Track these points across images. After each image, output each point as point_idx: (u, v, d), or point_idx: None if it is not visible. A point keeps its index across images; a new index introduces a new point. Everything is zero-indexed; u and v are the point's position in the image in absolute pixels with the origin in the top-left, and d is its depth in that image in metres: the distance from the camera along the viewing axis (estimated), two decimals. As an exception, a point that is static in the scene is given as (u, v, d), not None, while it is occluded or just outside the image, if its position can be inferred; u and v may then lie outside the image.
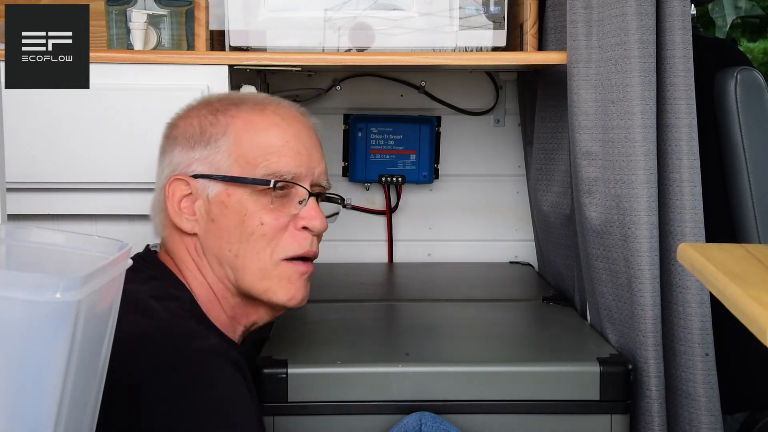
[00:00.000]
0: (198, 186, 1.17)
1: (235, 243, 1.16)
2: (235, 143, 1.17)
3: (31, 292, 0.61)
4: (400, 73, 2.09)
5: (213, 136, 1.17)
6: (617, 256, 1.40)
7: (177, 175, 1.17)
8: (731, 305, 0.71)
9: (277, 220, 1.17)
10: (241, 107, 1.20)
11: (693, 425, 1.35)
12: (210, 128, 1.18)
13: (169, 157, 1.20)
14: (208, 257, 1.18)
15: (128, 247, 0.76)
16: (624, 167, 1.37)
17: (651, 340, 1.34)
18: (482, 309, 1.68)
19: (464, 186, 2.15)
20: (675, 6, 1.37)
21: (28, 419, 0.64)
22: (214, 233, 1.17)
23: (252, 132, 1.18)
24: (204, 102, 1.23)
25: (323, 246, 2.10)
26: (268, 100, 1.25)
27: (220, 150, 1.17)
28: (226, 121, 1.18)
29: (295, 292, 1.20)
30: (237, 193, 1.16)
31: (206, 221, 1.17)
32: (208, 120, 1.19)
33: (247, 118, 1.19)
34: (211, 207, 1.16)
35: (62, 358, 0.63)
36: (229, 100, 1.22)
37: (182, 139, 1.19)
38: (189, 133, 1.19)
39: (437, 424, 1.18)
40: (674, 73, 1.38)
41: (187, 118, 1.21)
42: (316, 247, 1.21)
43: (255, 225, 1.16)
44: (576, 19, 1.44)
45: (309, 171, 1.20)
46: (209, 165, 1.17)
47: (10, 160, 0.88)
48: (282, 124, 1.20)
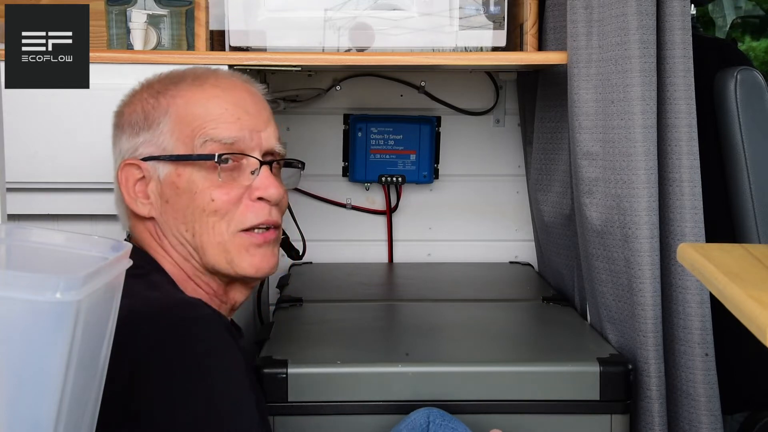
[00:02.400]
0: (149, 168, 1.15)
1: (189, 222, 1.14)
2: (176, 121, 1.15)
3: (31, 292, 0.61)
4: (400, 73, 2.09)
5: (155, 118, 1.16)
6: (617, 256, 1.40)
7: (127, 160, 1.15)
8: (731, 305, 0.71)
9: (227, 195, 1.14)
10: (180, 85, 1.18)
11: (693, 425, 1.35)
12: (152, 111, 1.16)
13: (118, 146, 1.18)
14: (169, 239, 1.16)
15: (128, 247, 0.76)
16: (624, 167, 1.37)
17: (651, 340, 1.34)
18: (482, 309, 1.68)
19: (464, 186, 2.15)
20: (675, 6, 1.37)
21: (28, 419, 0.64)
22: (169, 214, 1.15)
23: (191, 107, 1.16)
24: (146, 85, 1.21)
25: (323, 246, 2.11)
26: (207, 73, 1.22)
27: (163, 131, 1.15)
28: (166, 102, 1.16)
29: (259, 262, 1.16)
30: (186, 172, 1.14)
31: (161, 203, 1.15)
32: (149, 103, 1.17)
33: (187, 96, 1.17)
34: (163, 188, 1.15)
35: (62, 358, 0.63)
36: (168, 80, 1.20)
37: (127, 127, 1.17)
38: (133, 119, 1.17)
39: (446, 422, 1.18)
40: (674, 73, 1.38)
41: (131, 104, 1.19)
42: (276, 216, 1.18)
43: (206, 202, 1.14)
44: (576, 19, 1.44)
45: (253, 135, 1.16)
46: (155, 147, 1.15)
47: (10, 160, 0.88)
48: (222, 94, 1.17)
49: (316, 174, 2.11)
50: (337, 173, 2.12)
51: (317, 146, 2.12)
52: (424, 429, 1.17)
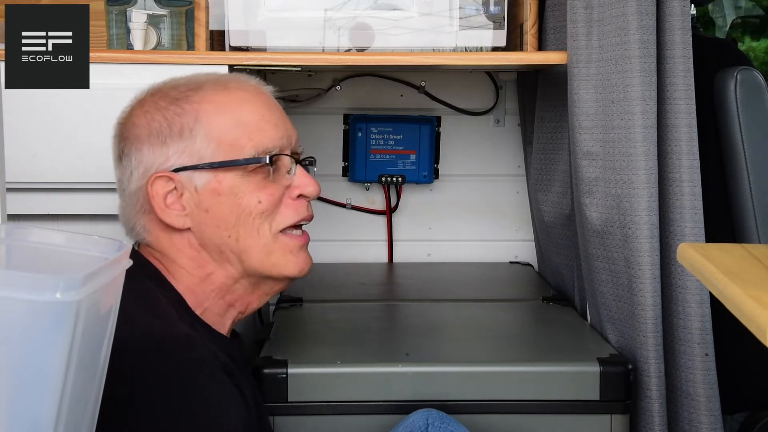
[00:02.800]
0: (182, 179, 1.13)
1: (233, 228, 1.14)
2: (211, 128, 1.14)
3: (31, 292, 0.61)
4: (400, 73, 2.09)
5: (184, 126, 1.14)
6: (617, 256, 1.40)
7: (158, 173, 1.13)
8: (731, 305, 0.71)
9: (272, 196, 1.16)
10: (202, 91, 1.17)
11: (693, 425, 1.35)
12: (178, 119, 1.14)
13: (136, 157, 1.15)
14: (208, 249, 1.15)
15: (128, 247, 0.76)
16: (625, 167, 1.37)
17: (651, 340, 1.34)
18: (482, 309, 1.68)
19: (464, 186, 2.15)
20: (674, 6, 1.37)
21: (28, 419, 0.64)
22: (210, 223, 1.14)
23: (225, 113, 1.15)
24: (157, 94, 1.17)
25: (324, 246, 2.11)
26: (227, 77, 1.22)
27: (197, 139, 1.13)
28: (192, 108, 1.14)
29: (302, 263, 1.21)
30: (227, 178, 1.14)
31: (199, 213, 1.14)
32: (171, 111, 1.15)
33: (215, 100, 1.16)
34: (201, 198, 1.14)
35: (62, 358, 0.63)
36: (186, 87, 1.18)
37: (148, 137, 1.14)
38: (155, 128, 1.14)
39: (444, 424, 1.17)
40: (674, 73, 1.38)
41: (145, 113, 1.15)
42: (311, 211, 1.22)
43: (253, 204, 1.14)
44: (576, 19, 1.44)
45: (289, 140, 1.20)
46: (189, 156, 1.13)
47: (10, 160, 0.88)
48: (251, 98, 1.19)
49: (316, 174, 2.10)
50: (337, 173, 2.12)
51: (317, 146, 2.12)
52: (423, 430, 1.16)
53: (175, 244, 1.16)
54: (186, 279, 1.16)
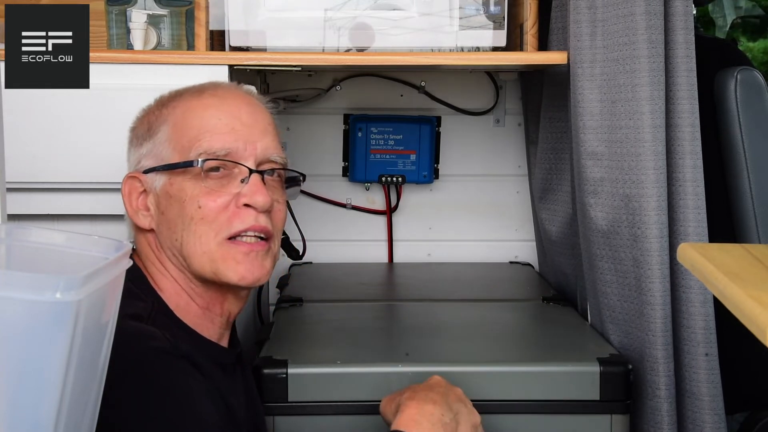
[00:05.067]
0: (148, 180, 1.16)
1: (179, 231, 1.13)
2: (173, 131, 1.15)
3: (31, 292, 0.61)
4: (400, 73, 2.09)
5: (156, 129, 1.17)
6: (625, 256, 1.40)
7: (130, 173, 1.17)
8: (731, 305, 0.71)
9: (215, 202, 1.13)
10: (182, 96, 1.19)
11: (696, 424, 1.35)
12: (155, 122, 1.18)
13: (128, 160, 1.21)
14: (165, 250, 1.15)
15: (128, 247, 0.76)
16: (633, 167, 1.37)
17: (660, 340, 1.34)
18: (482, 309, 1.68)
19: (464, 186, 2.15)
20: (677, 6, 1.37)
21: (28, 419, 0.64)
22: (165, 225, 1.14)
23: (189, 117, 1.16)
24: (157, 100, 1.22)
25: (324, 246, 2.10)
26: (208, 84, 1.22)
27: (161, 141, 1.15)
28: (167, 112, 1.17)
29: (244, 272, 1.13)
30: (177, 180, 1.13)
31: (158, 214, 1.15)
32: (154, 115, 1.19)
33: (185, 105, 1.17)
34: (159, 199, 1.15)
35: (62, 358, 0.63)
36: (175, 92, 1.21)
37: (134, 139, 1.20)
38: (140, 131, 1.19)
39: None
40: (677, 73, 1.38)
41: (141, 118, 1.21)
42: (264, 222, 1.15)
43: (194, 209, 1.12)
44: (580, 19, 1.44)
45: (247, 145, 1.15)
46: (154, 158, 1.15)
47: (10, 160, 0.88)
48: (218, 104, 1.17)
49: (316, 174, 2.11)
50: (337, 173, 2.12)
51: (317, 146, 2.12)
52: None
53: (145, 244, 1.18)
54: (163, 281, 1.16)
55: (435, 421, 1.08)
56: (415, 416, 1.09)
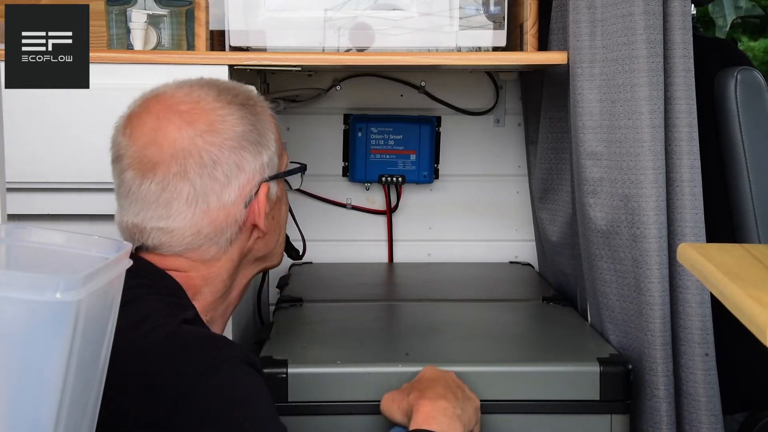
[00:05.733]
0: (269, 187, 1.15)
1: (281, 233, 1.23)
2: (276, 138, 1.17)
3: (31, 292, 0.61)
4: (400, 73, 2.09)
5: (265, 135, 1.14)
6: (624, 256, 1.40)
7: (264, 180, 1.13)
8: (731, 305, 0.71)
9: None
10: (257, 100, 1.18)
11: (693, 425, 1.35)
12: (261, 128, 1.14)
13: (238, 165, 1.11)
14: (248, 259, 1.18)
15: (128, 247, 0.76)
16: (632, 167, 1.37)
17: (659, 340, 1.34)
18: (482, 309, 1.68)
19: (464, 186, 2.15)
20: (675, 6, 1.37)
21: (27, 419, 0.64)
22: (274, 229, 1.19)
23: (274, 124, 1.19)
24: (223, 99, 1.13)
25: (324, 246, 2.11)
26: (251, 89, 1.23)
27: (274, 149, 1.16)
28: (264, 119, 1.16)
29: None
30: (281, 184, 1.20)
31: (269, 219, 1.16)
32: (255, 118, 1.14)
33: (266, 111, 1.18)
34: (273, 205, 1.17)
35: (62, 358, 0.63)
36: (246, 92, 1.17)
37: (246, 144, 1.11)
38: (250, 137, 1.12)
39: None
40: (674, 73, 1.38)
41: (241, 119, 1.12)
42: None
43: (286, 212, 1.24)
44: (579, 19, 1.44)
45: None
46: (273, 166, 1.15)
47: (10, 160, 0.88)
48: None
49: (316, 174, 2.11)
50: (337, 173, 2.12)
51: (317, 146, 2.12)
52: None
53: (229, 260, 1.18)
54: (198, 297, 1.14)
55: (450, 415, 1.13)
56: (432, 413, 1.12)
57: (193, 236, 1.09)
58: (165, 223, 1.08)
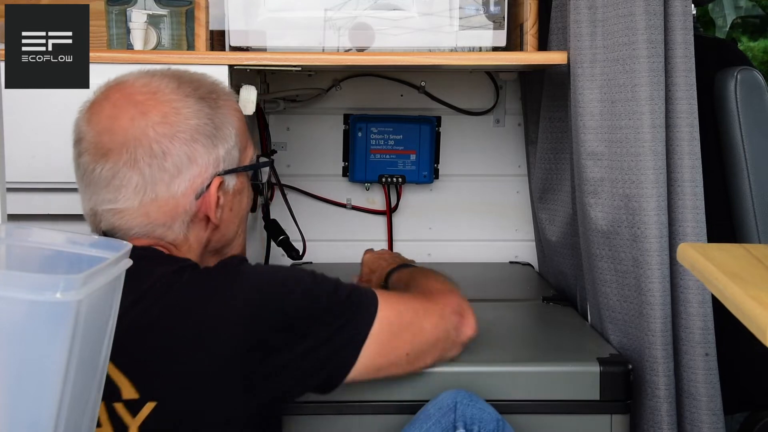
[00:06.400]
0: (225, 180, 1.17)
1: (239, 225, 1.23)
2: (237, 133, 1.18)
3: (31, 292, 0.61)
4: (400, 73, 2.09)
5: (222, 129, 1.16)
6: (625, 257, 1.40)
7: (218, 174, 1.15)
8: (731, 305, 0.71)
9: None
10: (220, 94, 1.19)
11: (695, 425, 1.35)
12: (219, 122, 1.15)
13: (190, 156, 1.12)
14: (209, 244, 1.20)
15: (128, 246, 0.76)
16: (633, 167, 1.37)
17: (660, 340, 1.34)
18: (482, 309, 1.67)
19: (464, 186, 2.15)
20: (676, 6, 1.37)
21: (28, 419, 0.64)
22: (229, 221, 1.20)
23: (239, 118, 1.20)
24: (182, 92, 1.14)
25: (324, 246, 2.11)
26: (218, 83, 1.23)
27: (233, 143, 1.17)
28: (225, 113, 1.17)
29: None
30: (242, 179, 1.21)
31: (226, 211, 1.19)
32: (212, 112, 1.15)
33: (231, 105, 1.20)
34: (229, 197, 1.19)
35: (62, 358, 0.63)
36: (210, 85, 1.19)
37: (201, 137, 1.13)
38: (206, 130, 1.13)
39: (473, 402, 1.19)
40: (675, 73, 1.38)
41: (197, 112, 1.13)
42: None
43: (246, 205, 1.25)
44: (580, 19, 1.44)
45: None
46: (231, 160, 1.17)
47: (10, 160, 0.88)
48: (239, 108, 1.24)
49: (316, 174, 2.11)
50: (337, 173, 2.12)
51: (317, 146, 2.12)
52: (451, 409, 1.17)
53: (193, 238, 1.21)
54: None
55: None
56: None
57: (142, 218, 1.12)
58: (113, 205, 1.11)
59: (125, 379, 1.00)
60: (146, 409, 1.00)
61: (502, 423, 1.18)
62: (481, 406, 1.19)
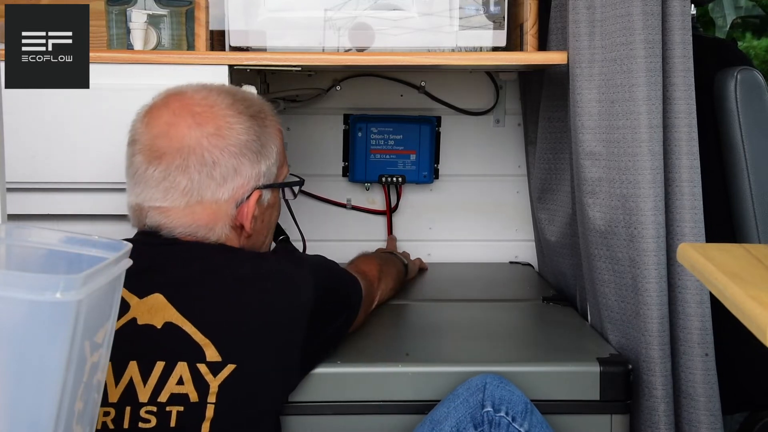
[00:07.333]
0: (262, 193, 1.26)
1: (268, 235, 1.34)
2: (278, 151, 1.28)
3: (31, 292, 0.61)
4: (400, 73, 2.09)
5: (267, 147, 1.25)
6: (622, 256, 1.40)
7: (258, 188, 1.24)
8: (731, 305, 0.71)
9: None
10: (267, 112, 1.29)
11: (693, 425, 1.35)
12: (265, 140, 1.25)
13: (236, 169, 1.22)
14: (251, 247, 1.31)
15: (128, 246, 0.76)
16: (630, 167, 1.37)
17: (657, 340, 1.34)
18: (482, 309, 1.68)
19: (464, 186, 2.15)
20: (675, 6, 1.37)
21: (28, 418, 0.64)
22: (261, 231, 1.29)
23: (279, 137, 1.30)
24: (235, 108, 1.24)
25: (324, 246, 2.10)
26: (263, 102, 1.32)
27: (274, 161, 1.27)
28: (269, 132, 1.27)
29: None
30: (275, 193, 1.31)
31: (258, 222, 1.27)
32: (260, 129, 1.25)
33: (275, 125, 1.29)
34: (264, 209, 1.27)
35: (62, 357, 0.63)
36: (259, 103, 1.29)
37: (248, 153, 1.23)
38: (253, 146, 1.23)
39: (503, 384, 1.21)
40: (674, 73, 1.38)
41: (247, 129, 1.23)
42: None
43: (276, 217, 1.35)
44: (578, 19, 1.44)
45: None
46: (270, 175, 1.26)
47: (10, 160, 0.88)
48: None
49: (316, 174, 2.11)
50: (337, 173, 2.12)
51: (317, 146, 2.12)
52: (480, 389, 1.20)
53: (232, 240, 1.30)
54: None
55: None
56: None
57: (187, 218, 1.20)
58: (161, 203, 1.20)
59: (210, 345, 1.11)
60: (226, 370, 1.11)
61: (530, 406, 1.20)
62: (510, 389, 1.21)
